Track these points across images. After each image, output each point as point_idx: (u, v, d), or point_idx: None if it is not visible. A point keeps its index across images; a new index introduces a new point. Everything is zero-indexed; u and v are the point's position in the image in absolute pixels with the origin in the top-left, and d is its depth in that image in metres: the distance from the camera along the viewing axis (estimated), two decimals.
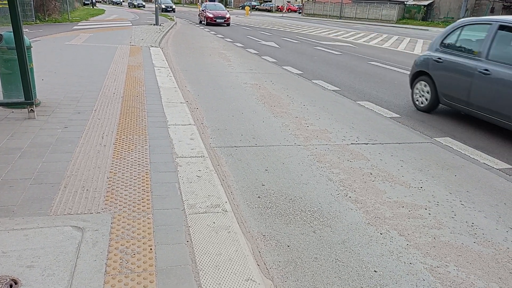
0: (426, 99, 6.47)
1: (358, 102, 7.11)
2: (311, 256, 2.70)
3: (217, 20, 26.29)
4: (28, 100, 4.64)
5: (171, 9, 46.89)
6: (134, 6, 54.27)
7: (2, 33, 4.96)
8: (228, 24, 26.81)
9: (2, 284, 2.07)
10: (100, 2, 73.06)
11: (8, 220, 2.64)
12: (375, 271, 2.57)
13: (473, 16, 37.79)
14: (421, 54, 7.41)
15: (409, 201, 3.52)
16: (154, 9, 23.48)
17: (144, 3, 56.78)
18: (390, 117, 6.19)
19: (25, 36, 4.57)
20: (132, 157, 3.79)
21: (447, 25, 9.10)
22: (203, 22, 27.64)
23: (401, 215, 3.27)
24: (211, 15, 26.26)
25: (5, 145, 3.87)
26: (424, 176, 4.06)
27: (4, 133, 4.20)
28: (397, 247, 2.83)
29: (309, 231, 2.99)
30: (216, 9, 27.82)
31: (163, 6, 45.95)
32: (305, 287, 2.40)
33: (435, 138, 5.27)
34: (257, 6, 68.21)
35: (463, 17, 38.02)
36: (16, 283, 2.08)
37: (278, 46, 15.76)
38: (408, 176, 4.05)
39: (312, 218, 3.16)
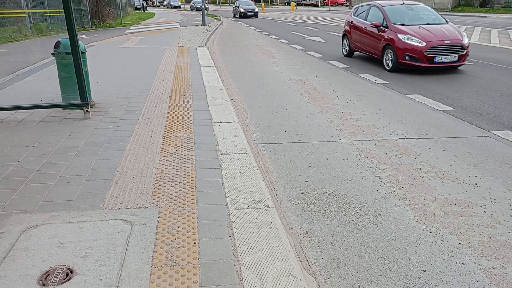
0: None
1: (408, 95, 6.82)
2: (355, 253, 2.64)
3: (446, 58, 8.39)
4: (83, 102, 4.94)
5: (252, 13, 32.77)
6: (196, 9, 49.12)
7: (60, 39, 5.32)
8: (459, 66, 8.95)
9: (60, 272, 2.22)
10: (159, 6, 73.62)
11: (65, 213, 2.83)
12: (423, 270, 2.46)
13: None
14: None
15: (463, 198, 3.33)
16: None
17: (207, 5, 50.44)
18: (442, 110, 5.88)
19: (80, 41, 4.86)
20: (179, 154, 3.91)
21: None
22: (386, 63, 9.05)
23: (453, 213, 3.10)
24: (416, 43, 8.41)
25: (63, 144, 4.15)
26: (480, 172, 3.82)
27: (62, 132, 4.50)
28: (448, 246, 2.69)
29: (354, 228, 2.92)
30: (423, 22, 9.32)
31: (242, 10, 33.12)
32: (349, 285, 2.35)
33: (493, 132, 4.94)
34: (302, 1, 67.49)
35: None
36: (71, 272, 2.23)
37: (323, 41, 15.52)
38: (462, 172, 3.83)
39: (357, 215, 3.08)
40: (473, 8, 38.96)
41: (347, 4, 58.09)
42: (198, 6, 47.93)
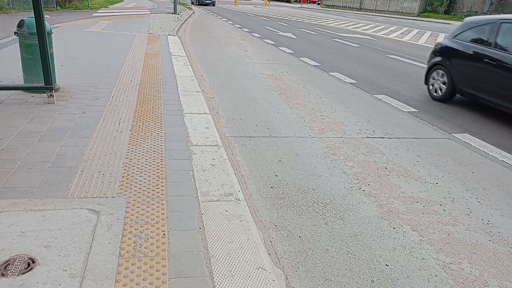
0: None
1: (375, 95, 7.01)
2: (322, 247, 2.70)
3: None
4: (48, 85, 4.72)
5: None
6: (199, 3, 39.42)
7: (24, 18, 5.04)
8: None
9: (21, 262, 2.13)
10: None
11: (27, 201, 2.71)
12: (386, 265, 2.56)
13: (497, 10, 36.70)
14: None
15: (424, 197, 3.48)
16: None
17: None
18: (407, 112, 6.09)
19: (46, 22, 4.63)
20: (148, 143, 3.83)
21: None
22: None
23: (415, 210, 3.24)
24: None
25: (25, 128, 3.96)
26: (440, 172, 4.00)
27: (24, 116, 4.29)
28: (410, 242, 2.81)
29: (321, 222, 2.99)
30: None
31: None
32: (316, 278, 2.41)
33: (453, 134, 5.18)
34: None
35: (487, 12, 36.98)
36: (33, 262, 2.14)
37: (295, 37, 15.62)
38: (424, 171, 4.00)
39: (325, 210, 3.15)
40: (438, 14, 40.53)
41: (319, 2, 58.76)
42: None
